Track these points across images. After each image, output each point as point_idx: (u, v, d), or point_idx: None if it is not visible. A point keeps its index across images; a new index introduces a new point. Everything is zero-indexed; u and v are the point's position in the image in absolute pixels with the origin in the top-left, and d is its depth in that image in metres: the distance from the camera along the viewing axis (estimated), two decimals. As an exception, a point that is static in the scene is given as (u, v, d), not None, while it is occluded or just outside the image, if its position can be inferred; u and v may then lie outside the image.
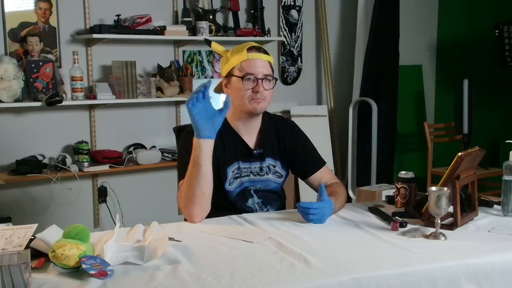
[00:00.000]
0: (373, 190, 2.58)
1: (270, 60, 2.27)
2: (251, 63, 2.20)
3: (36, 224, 1.71)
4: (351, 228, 2.01)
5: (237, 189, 2.28)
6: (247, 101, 2.20)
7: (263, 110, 2.26)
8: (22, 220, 2.07)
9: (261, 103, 2.21)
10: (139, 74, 4.17)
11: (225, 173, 2.25)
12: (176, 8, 4.34)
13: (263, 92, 2.19)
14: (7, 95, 3.57)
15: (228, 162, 2.26)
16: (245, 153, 2.28)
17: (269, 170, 2.33)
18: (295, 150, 2.38)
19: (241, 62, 2.20)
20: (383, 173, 4.83)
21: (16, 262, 1.41)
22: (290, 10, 4.90)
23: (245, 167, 2.29)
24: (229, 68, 2.24)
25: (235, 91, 2.22)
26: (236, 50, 2.25)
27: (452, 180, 1.98)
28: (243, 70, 2.20)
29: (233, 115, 2.27)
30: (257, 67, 2.20)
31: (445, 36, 5.67)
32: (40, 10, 3.83)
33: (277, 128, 2.39)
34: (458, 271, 1.65)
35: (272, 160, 2.34)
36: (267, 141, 2.34)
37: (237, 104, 2.22)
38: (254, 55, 2.21)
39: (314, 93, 5.17)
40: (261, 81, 2.19)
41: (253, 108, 2.21)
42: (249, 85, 2.19)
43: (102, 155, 3.97)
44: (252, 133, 2.32)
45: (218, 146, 2.15)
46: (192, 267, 1.59)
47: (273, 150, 2.34)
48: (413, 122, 5.58)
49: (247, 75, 2.19)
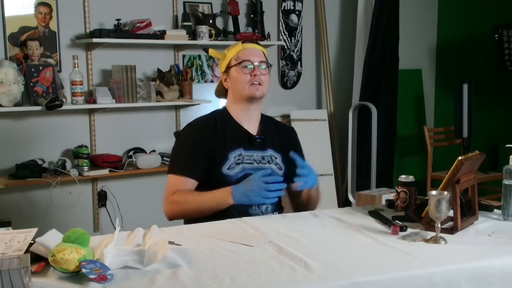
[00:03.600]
0: (373, 194, 2.58)
1: (263, 51, 2.41)
2: (247, 51, 2.35)
3: (36, 229, 1.71)
4: (351, 232, 2.01)
5: (239, 174, 2.32)
6: (246, 86, 2.32)
7: (262, 95, 2.36)
8: (22, 224, 2.07)
9: (259, 88, 2.32)
10: (139, 78, 4.17)
11: (226, 157, 2.32)
12: (176, 13, 4.35)
13: (260, 77, 2.32)
14: (7, 100, 3.57)
15: (229, 148, 2.33)
16: (247, 140, 2.37)
17: (271, 160, 2.40)
18: (294, 152, 2.42)
19: (237, 52, 2.35)
20: (383, 177, 4.83)
21: (16, 267, 1.40)
22: (290, 15, 4.91)
23: (248, 155, 2.36)
24: (227, 61, 2.37)
25: (234, 81, 2.35)
26: (231, 46, 2.42)
27: (452, 184, 1.98)
28: (240, 59, 2.34)
29: (234, 104, 2.39)
30: (253, 55, 2.34)
31: (445, 40, 5.68)
32: (40, 15, 3.84)
33: (277, 125, 2.54)
34: (458, 275, 1.64)
35: (273, 151, 2.42)
36: (268, 132, 2.44)
37: (236, 92, 2.35)
38: (249, 45, 2.38)
39: (314, 97, 5.17)
40: (257, 66, 2.32)
41: (252, 93, 2.32)
42: (247, 70, 2.32)
43: (102, 159, 3.97)
44: (252, 122, 2.41)
45: (215, 134, 2.33)
46: (192, 271, 1.59)
47: (274, 143, 2.43)
48: (412, 126, 5.59)
49: (244, 62, 2.32)
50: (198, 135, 2.36)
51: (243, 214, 2.23)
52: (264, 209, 2.33)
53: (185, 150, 2.35)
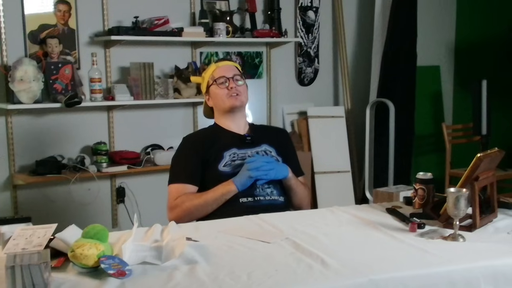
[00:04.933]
0: (390, 191, 2.56)
1: (236, 65, 2.61)
2: (220, 69, 2.54)
3: (55, 224, 1.73)
4: (368, 229, 2.01)
5: (235, 169, 2.39)
6: (225, 99, 2.48)
7: (243, 104, 2.52)
8: (41, 220, 2.09)
9: (238, 97, 2.48)
10: (157, 75, 4.19)
11: (222, 155, 2.43)
12: (194, 10, 4.36)
13: (237, 88, 2.48)
14: (27, 97, 3.61)
15: (223, 148, 2.44)
16: (238, 140, 2.49)
17: (266, 154, 2.49)
18: (286, 149, 2.58)
19: (212, 72, 2.54)
20: (400, 174, 4.80)
21: (36, 262, 1.42)
22: (307, 11, 4.90)
23: (242, 153, 2.46)
24: (206, 83, 2.56)
25: (215, 97, 2.52)
26: (206, 69, 2.63)
27: (471, 182, 1.97)
28: (215, 77, 2.52)
29: (220, 117, 2.55)
30: (226, 71, 2.52)
31: (463, 37, 5.62)
32: (60, 13, 3.87)
33: (267, 127, 2.80)
34: (477, 273, 1.63)
35: (267, 146, 2.53)
36: (258, 132, 2.57)
37: (219, 106, 2.52)
38: (221, 63, 2.58)
39: (331, 94, 5.16)
40: (231, 79, 2.49)
41: (232, 103, 2.48)
42: (222, 86, 2.49)
43: (120, 156, 3.99)
44: (241, 127, 2.55)
45: (208, 141, 2.47)
46: (209, 267, 1.60)
47: (267, 139, 2.56)
48: (430, 123, 5.54)
49: (219, 79, 2.50)
50: (191, 146, 2.50)
51: (249, 196, 2.33)
52: (269, 192, 2.39)
53: (181, 161, 2.49)
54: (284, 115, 4.88)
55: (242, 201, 2.33)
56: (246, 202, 2.33)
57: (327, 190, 4.75)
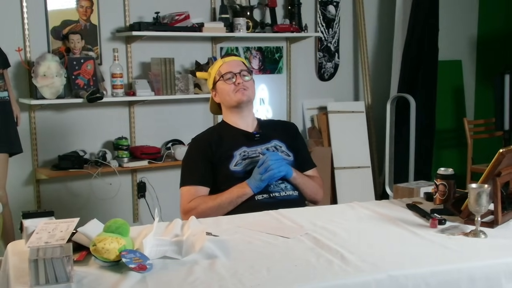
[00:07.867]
0: (410, 187, 2.55)
1: (243, 61, 2.59)
2: (227, 64, 2.51)
3: (77, 218, 1.75)
4: (388, 224, 2.00)
5: (247, 168, 2.39)
6: (232, 94, 2.46)
7: (250, 99, 2.50)
8: (64, 214, 2.12)
9: (245, 92, 2.46)
10: (177, 70, 4.21)
11: (232, 155, 2.41)
12: (214, 5, 4.37)
13: (243, 83, 2.46)
14: (50, 92, 3.65)
15: (233, 148, 2.42)
16: (247, 138, 2.47)
17: (277, 149, 2.47)
18: (296, 143, 2.56)
19: (219, 68, 2.52)
20: (421, 170, 4.76)
21: (59, 255, 1.45)
22: (327, 6, 4.88)
23: (252, 150, 2.44)
24: (212, 79, 2.54)
25: (222, 93, 2.50)
26: (213, 64, 2.60)
27: (493, 177, 1.95)
28: (222, 72, 2.50)
29: (228, 113, 2.53)
30: (232, 66, 2.50)
31: (485, 31, 5.56)
32: (82, 9, 3.91)
33: (276, 122, 2.76)
34: (498, 270, 1.62)
35: (277, 141, 2.51)
36: (266, 128, 2.55)
37: (226, 102, 2.50)
38: (227, 58, 2.55)
39: (351, 89, 5.13)
40: (238, 74, 2.47)
41: (239, 98, 2.45)
42: (229, 81, 2.47)
43: (141, 151, 4.02)
44: (249, 124, 2.52)
45: (216, 142, 2.44)
46: (229, 262, 1.61)
47: (277, 134, 2.53)
48: (452, 118, 5.49)
49: (226, 74, 2.48)
50: (199, 148, 2.48)
51: (264, 193, 2.32)
52: (283, 187, 2.38)
53: (190, 163, 2.48)
54: (304, 110, 4.88)
55: (258, 198, 2.32)
56: (262, 199, 2.32)
57: (347, 186, 4.74)
